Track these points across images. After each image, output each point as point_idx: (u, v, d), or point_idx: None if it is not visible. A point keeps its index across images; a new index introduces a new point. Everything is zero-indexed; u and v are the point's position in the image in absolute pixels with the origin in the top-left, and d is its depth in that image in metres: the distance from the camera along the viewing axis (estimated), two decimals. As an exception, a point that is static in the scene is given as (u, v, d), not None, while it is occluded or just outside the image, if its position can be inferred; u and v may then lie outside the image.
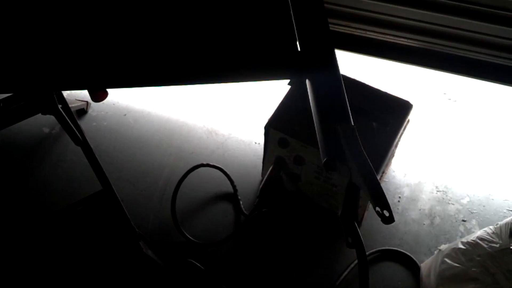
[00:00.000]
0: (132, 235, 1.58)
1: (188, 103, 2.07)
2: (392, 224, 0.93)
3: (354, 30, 1.83)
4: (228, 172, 1.79)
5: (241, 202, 1.74)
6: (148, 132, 1.96)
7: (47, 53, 1.12)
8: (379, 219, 0.92)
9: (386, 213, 0.91)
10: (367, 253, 1.60)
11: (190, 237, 1.67)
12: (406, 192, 1.80)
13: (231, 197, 1.77)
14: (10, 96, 1.51)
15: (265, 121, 1.54)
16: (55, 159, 1.87)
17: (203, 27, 1.17)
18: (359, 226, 1.12)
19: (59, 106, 1.50)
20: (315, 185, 1.62)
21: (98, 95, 1.59)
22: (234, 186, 1.77)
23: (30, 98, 1.50)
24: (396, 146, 1.60)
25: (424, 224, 1.72)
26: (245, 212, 1.72)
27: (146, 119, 2.01)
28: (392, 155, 1.70)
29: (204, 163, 1.80)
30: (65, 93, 1.46)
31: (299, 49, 1.16)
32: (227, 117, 2.02)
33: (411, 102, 1.58)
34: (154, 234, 1.68)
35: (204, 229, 1.70)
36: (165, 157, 1.88)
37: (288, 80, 1.63)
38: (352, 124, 1.05)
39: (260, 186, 1.72)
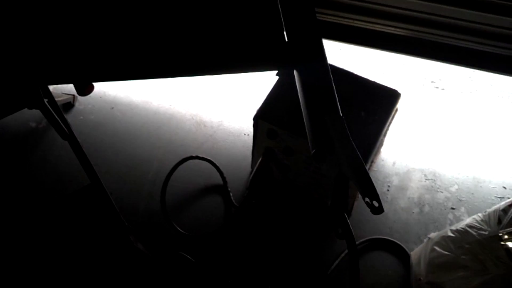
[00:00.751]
0: (122, 228, 1.57)
1: (176, 95, 2.05)
2: (383, 214, 0.94)
3: (341, 19, 1.83)
4: (217, 164, 1.78)
5: (231, 194, 1.74)
6: (136, 125, 1.94)
7: (33, 48, 1.10)
8: (369, 209, 0.93)
9: (376, 204, 0.91)
10: (357, 243, 1.61)
11: (180, 230, 1.66)
12: (395, 181, 1.81)
13: (221, 189, 1.77)
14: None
15: (254, 112, 1.53)
16: (42, 153, 1.85)
17: (190, 20, 1.16)
18: (348, 216, 1.12)
19: (45, 100, 1.48)
20: (304, 176, 1.62)
21: (84, 88, 1.57)
22: (223, 178, 1.77)
23: (15, 93, 1.48)
24: (384, 135, 1.60)
25: (413, 212, 1.73)
26: (235, 203, 1.72)
27: (134, 111, 1.99)
28: (381, 144, 1.70)
29: (193, 155, 1.79)
30: (51, 87, 1.45)
31: (286, 39, 1.15)
32: (215, 109, 2.00)
33: (398, 91, 1.59)
34: (144, 227, 1.68)
35: (194, 221, 1.70)
36: (154, 150, 1.87)
37: (276, 71, 1.62)
38: (340, 114, 1.05)
39: (250, 178, 1.71)
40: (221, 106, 2.02)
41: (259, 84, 1.99)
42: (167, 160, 1.81)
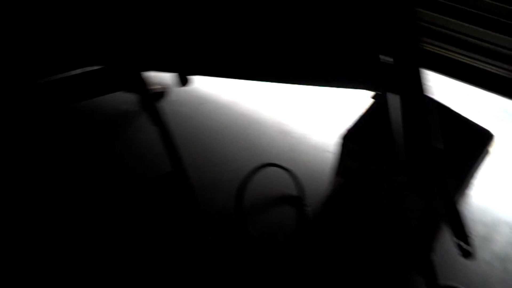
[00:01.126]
0: (200, 219, 1.61)
1: (263, 101, 2.07)
2: (463, 260, 0.88)
3: (442, 50, 1.79)
4: (297, 176, 1.77)
5: (306, 208, 1.71)
6: (223, 124, 1.98)
7: (144, 33, 1.14)
8: (448, 250, 0.87)
9: (466, 246, 0.86)
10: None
11: (253, 233, 1.66)
12: (480, 229, 1.69)
13: (297, 201, 1.74)
14: (98, 69, 1.54)
15: (340, 130, 1.51)
16: (130, 137, 1.93)
17: (289, 28, 1.16)
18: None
19: (142, 86, 1.55)
20: (385, 205, 1.56)
21: (187, 80, 1.62)
22: (301, 191, 1.75)
23: (117, 75, 1.56)
24: (473, 177, 1.51)
25: (496, 267, 1.61)
26: (309, 218, 1.69)
27: (222, 111, 2.03)
28: (469, 187, 1.61)
29: (275, 163, 1.79)
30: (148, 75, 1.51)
31: (381, 61, 1.13)
32: (301, 120, 2.00)
33: (492, 132, 1.50)
34: (217, 223, 1.69)
35: (265, 227, 1.68)
36: (237, 151, 1.89)
37: (372, 94, 1.59)
38: (440, 148, 1.00)
39: (328, 196, 1.68)
40: (307, 118, 2.01)
41: (349, 103, 1.96)
42: (248, 162, 1.82)
